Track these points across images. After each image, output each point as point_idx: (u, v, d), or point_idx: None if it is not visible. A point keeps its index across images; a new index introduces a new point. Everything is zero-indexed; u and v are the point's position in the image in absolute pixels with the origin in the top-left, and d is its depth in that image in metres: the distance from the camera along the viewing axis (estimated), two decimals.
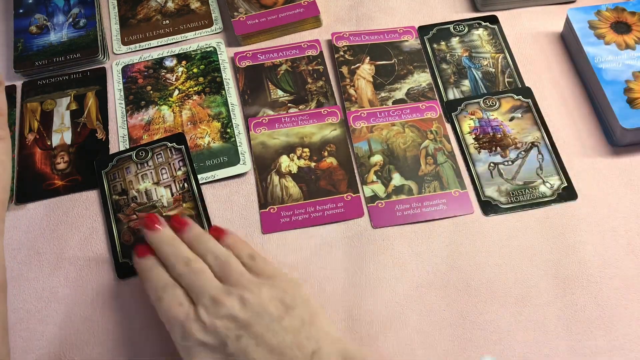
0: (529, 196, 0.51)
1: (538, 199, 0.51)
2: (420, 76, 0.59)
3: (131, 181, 0.52)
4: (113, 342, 0.46)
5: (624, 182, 0.52)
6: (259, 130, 0.56)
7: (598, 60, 0.55)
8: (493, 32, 0.61)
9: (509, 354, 0.44)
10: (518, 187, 0.52)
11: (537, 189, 0.52)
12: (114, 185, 0.52)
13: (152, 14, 0.64)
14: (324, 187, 0.53)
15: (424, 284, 0.48)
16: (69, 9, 0.64)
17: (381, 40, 0.61)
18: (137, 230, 0.50)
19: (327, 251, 0.50)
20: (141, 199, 0.52)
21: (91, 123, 0.57)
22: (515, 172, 0.53)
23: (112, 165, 0.53)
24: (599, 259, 0.48)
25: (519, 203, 0.51)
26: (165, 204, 0.51)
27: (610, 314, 0.46)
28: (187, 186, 0.52)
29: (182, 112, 0.57)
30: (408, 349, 0.45)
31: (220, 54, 0.61)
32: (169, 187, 0.52)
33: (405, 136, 0.55)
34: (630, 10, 0.58)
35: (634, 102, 0.52)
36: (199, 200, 0.51)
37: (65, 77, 0.60)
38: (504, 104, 0.56)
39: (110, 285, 0.49)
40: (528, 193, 0.51)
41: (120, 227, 0.51)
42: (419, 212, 0.51)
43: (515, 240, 0.49)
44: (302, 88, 0.58)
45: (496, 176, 0.52)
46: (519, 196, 0.51)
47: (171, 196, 0.52)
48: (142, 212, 0.51)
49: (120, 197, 0.52)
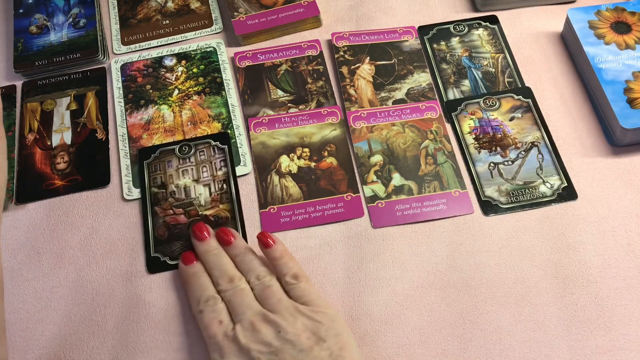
0: (529, 196, 0.51)
1: (538, 199, 0.51)
2: (420, 76, 0.59)
3: (171, 175, 0.52)
4: (113, 342, 0.46)
5: (624, 182, 0.52)
6: (259, 130, 0.56)
7: (598, 60, 0.55)
8: (493, 32, 0.61)
9: (509, 354, 0.44)
10: (518, 187, 0.52)
11: (537, 189, 0.52)
12: (154, 177, 0.52)
13: (152, 14, 0.64)
14: (324, 187, 0.53)
15: (424, 284, 0.48)
16: (69, 9, 0.64)
17: (381, 40, 0.61)
18: (172, 226, 0.50)
19: (327, 251, 0.50)
20: (179, 194, 0.52)
21: (91, 123, 0.57)
22: (515, 172, 0.53)
23: (154, 157, 0.54)
24: (599, 259, 0.48)
25: (519, 203, 0.51)
26: (203, 203, 0.51)
27: (610, 314, 0.46)
28: (226, 187, 0.52)
29: (182, 112, 0.57)
30: (408, 349, 0.45)
31: (220, 54, 0.61)
32: (207, 186, 0.52)
33: (405, 136, 0.55)
34: (630, 10, 0.58)
35: (634, 102, 0.52)
36: (236, 203, 0.51)
37: (65, 77, 0.60)
38: (504, 104, 0.56)
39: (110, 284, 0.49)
40: (528, 193, 0.51)
41: (156, 221, 0.51)
42: (419, 212, 0.51)
43: (515, 240, 0.49)
44: (302, 88, 0.58)
45: (496, 176, 0.52)
46: (519, 196, 0.51)
47: (209, 195, 0.52)
48: (179, 208, 0.51)
49: (159, 190, 0.52)
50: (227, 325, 0.43)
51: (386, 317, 0.46)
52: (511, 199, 0.51)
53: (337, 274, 0.48)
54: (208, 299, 0.44)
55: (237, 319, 0.43)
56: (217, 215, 0.51)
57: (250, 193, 0.53)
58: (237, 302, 0.44)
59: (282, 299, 0.44)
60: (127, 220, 0.52)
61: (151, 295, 0.48)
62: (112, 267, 0.49)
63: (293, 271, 0.45)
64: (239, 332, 0.42)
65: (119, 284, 0.49)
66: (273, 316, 0.42)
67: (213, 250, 0.47)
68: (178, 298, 0.48)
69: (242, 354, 0.41)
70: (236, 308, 0.43)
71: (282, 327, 0.41)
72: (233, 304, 0.44)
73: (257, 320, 0.42)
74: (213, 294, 0.45)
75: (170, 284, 0.48)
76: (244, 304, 0.43)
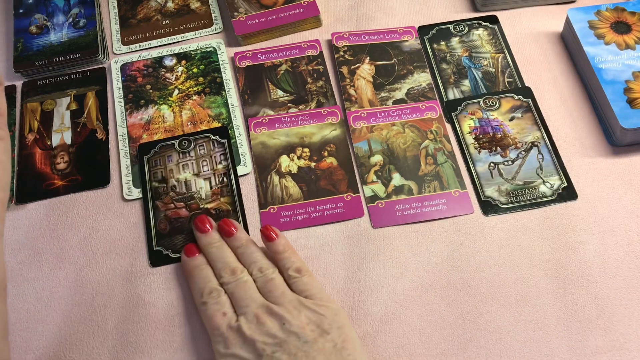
0: (529, 196, 0.51)
1: (538, 199, 0.51)
2: (420, 76, 0.59)
3: (172, 170, 0.53)
4: (113, 342, 0.46)
5: (624, 182, 0.52)
6: (259, 130, 0.56)
7: (598, 60, 0.55)
8: (493, 32, 0.61)
9: (509, 354, 0.44)
10: (518, 187, 0.52)
11: (537, 188, 0.52)
12: (155, 172, 0.53)
13: (152, 14, 0.64)
14: (324, 187, 0.53)
15: (424, 284, 0.48)
16: (69, 9, 0.64)
17: (381, 40, 0.61)
18: (173, 220, 0.51)
19: (327, 251, 0.50)
20: (180, 188, 0.52)
21: (91, 123, 0.57)
22: (515, 172, 0.53)
23: (154, 152, 0.54)
24: (599, 259, 0.48)
25: (519, 203, 0.51)
26: (204, 196, 0.52)
27: (610, 314, 0.46)
28: (226, 180, 0.52)
29: (182, 112, 0.57)
30: (408, 349, 0.45)
31: (220, 54, 0.61)
32: (208, 180, 0.52)
33: (405, 136, 0.55)
34: (630, 10, 0.58)
35: (634, 102, 0.52)
36: (237, 196, 0.52)
37: (65, 77, 0.60)
38: (504, 104, 0.56)
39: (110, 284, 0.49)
40: (528, 193, 0.51)
41: (157, 215, 0.51)
42: (419, 212, 0.51)
43: (515, 240, 0.49)
44: (302, 88, 0.58)
45: (496, 176, 0.52)
46: (519, 196, 0.51)
47: (210, 189, 0.52)
48: (180, 202, 0.51)
49: (160, 185, 0.52)
50: (231, 317, 0.43)
51: (386, 317, 0.46)
52: (511, 199, 0.51)
53: (337, 273, 0.48)
54: (211, 291, 0.44)
55: (240, 311, 0.43)
56: (218, 208, 0.51)
57: (250, 193, 0.53)
58: (240, 295, 0.44)
59: (286, 292, 0.44)
60: (127, 220, 0.52)
61: (151, 295, 0.48)
62: (112, 267, 0.49)
63: (296, 265, 0.46)
64: (243, 324, 0.42)
65: (119, 284, 0.49)
66: (277, 308, 0.42)
67: (215, 242, 0.47)
68: (178, 298, 0.48)
69: (246, 345, 0.41)
70: (239, 300, 0.43)
71: (286, 319, 0.42)
72: (236, 296, 0.44)
73: (262, 313, 0.42)
74: (216, 286, 0.45)
75: (171, 283, 0.48)
76: (247, 296, 0.44)
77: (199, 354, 0.45)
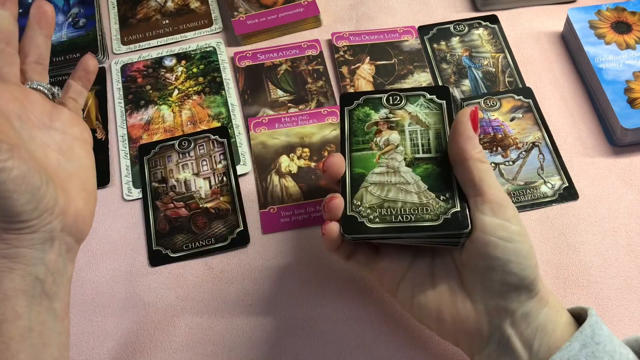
0: (530, 196, 0.51)
1: (539, 199, 0.51)
2: (421, 76, 0.59)
3: (172, 170, 0.53)
4: (113, 342, 0.46)
5: (625, 182, 0.52)
6: (259, 130, 0.56)
7: (598, 60, 0.55)
8: (493, 32, 0.61)
9: None
10: (519, 188, 0.52)
11: (538, 189, 0.52)
12: (155, 172, 0.53)
13: (151, 13, 0.64)
14: (324, 187, 0.52)
15: None
16: (68, 9, 0.64)
17: (381, 40, 0.61)
18: (173, 219, 0.51)
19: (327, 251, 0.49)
20: (180, 188, 0.52)
21: (91, 123, 0.57)
22: (516, 173, 0.52)
23: (154, 152, 0.54)
24: (599, 259, 0.48)
25: (520, 203, 0.51)
26: (203, 196, 0.52)
27: (610, 314, 0.46)
28: (226, 180, 0.52)
29: (181, 112, 0.57)
30: (408, 349, 0.45)
31: (220, 54, 0.61)
32: (208, 179, 0.53)
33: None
34: (631, 10, 0.58)
35: (635, 102, 0.52)
36: (236, 195, 0.52)
37: (65, 77, 0.60)
38: (504, 104, 0.56)
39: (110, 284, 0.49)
40: (529, 193, 0.51)
41: (157, 215, 0.51)
42: None
43: None
44: (302, 88, 0.58)
45: (497, 176, 0.52)
46: (520, 196, 0.51)
47: (209, 188, 0.52)
48: (180, 201, 0.51)
49: (160, 185, 0.52)
50: None
51: (387, 317, 0.46)
52: (512, 199, 0.51)
53: (338, 273, 0.48)
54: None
55: None
56: (217, 207, 0.51)
57: (250, 193, 0.53)
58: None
59: None
60: (127, 221, 0.51)
61: (151, 296, 0.48)
62: (112, 267, 0.49)
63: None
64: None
65: (119, 284, 0.48)
66: None
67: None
68: (177, 298, 0.48)
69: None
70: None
71: None
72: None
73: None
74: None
75: (170, 283, 0.48)
76: None
77: (199, 354, 0.45)
